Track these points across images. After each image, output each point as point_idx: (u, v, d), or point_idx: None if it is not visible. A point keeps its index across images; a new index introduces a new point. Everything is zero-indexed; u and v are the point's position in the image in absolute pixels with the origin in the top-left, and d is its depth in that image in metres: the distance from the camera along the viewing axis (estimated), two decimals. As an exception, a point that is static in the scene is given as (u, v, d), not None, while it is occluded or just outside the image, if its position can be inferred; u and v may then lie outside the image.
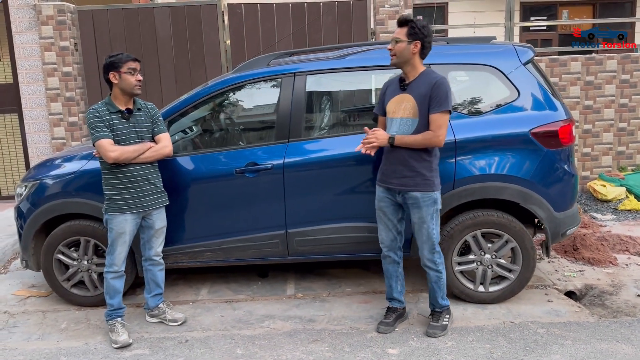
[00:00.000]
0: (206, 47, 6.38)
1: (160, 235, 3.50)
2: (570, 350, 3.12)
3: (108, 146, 3.16)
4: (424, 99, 3.06)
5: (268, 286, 4.22)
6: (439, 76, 3.10)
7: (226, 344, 3.34)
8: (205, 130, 4.07)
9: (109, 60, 3.25)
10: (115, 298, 3.42)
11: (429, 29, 3.09)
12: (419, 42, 3.07)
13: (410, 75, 3.15)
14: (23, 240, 3.89)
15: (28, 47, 6.30)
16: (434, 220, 3.20)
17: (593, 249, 4.65)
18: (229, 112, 4.11)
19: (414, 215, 3.19)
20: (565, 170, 3.61)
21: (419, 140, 3.08)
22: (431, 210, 3.17)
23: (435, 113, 3.04)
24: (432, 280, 3.30)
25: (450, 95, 3.06)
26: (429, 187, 3.14)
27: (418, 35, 3.06)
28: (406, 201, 3.20)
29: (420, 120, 3.09)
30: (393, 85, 3.26)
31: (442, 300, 3.33)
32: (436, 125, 3.05)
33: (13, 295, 4.24)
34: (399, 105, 3.17)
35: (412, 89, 3.13)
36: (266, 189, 3.66)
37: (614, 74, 6.54)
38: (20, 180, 4.07)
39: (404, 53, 3.09)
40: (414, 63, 3.12)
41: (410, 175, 3.14)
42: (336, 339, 3.36)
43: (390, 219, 3.33)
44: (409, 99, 3.12)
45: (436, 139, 3.06)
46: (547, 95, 3.62)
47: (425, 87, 3.07)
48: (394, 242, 3.38)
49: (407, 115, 3.12)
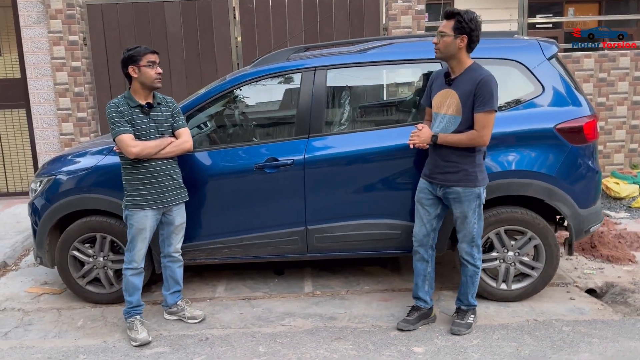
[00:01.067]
0: (217, 43, 6.32)
1: (180, 232, 3.45)
2: (599, 349, 3.08)
3: (129, 141, 3.10)
4: (468, 96, 2.97)
5: (285, 283, 4.17)
6: (486, 73, 2.98)
7: (247, 342, 3.30)
8: (224, 125, 4.02)
9: (127, 54, 3.19)
10: (134, 295, 3.37)
11: (477, 22, 2.95)
12: (466, 37, 2.94)
13: (456, 70, 3.05)
14: (38, 237, 3.83)
15: (36, 42, 6.23)
16: (476, 215, 3.14)
17: (611, 247, 4.61)
18: (248, 107, 4.05)
19: (456, 209, 3.15)
20: (590, 167, 3.57)
21: (462, 140, 3.01)
22: (473, 205, 3.11)
23: (480, 112, 2.95)
24: (468, 274, 3.25)
25: (496, 93, 2.96)
26: (472, 183, 3.08)
27: (465, 29, 2.92)
28: (447, 195, 3.15)
29: (463, 117, 3.01)
30: (440, 79, 3.17)
31: (471, 298, 3.29)
32: (480, 125, 2.97)
33: (26, 293, 4.18)
34: (443, 101, 3.09)
35: (457, 85, 3.03)
36: (286, 185, 3.60)
37: (627, 71, 6.51)
38: (35, 176, 4.01)
39: (450, 48, 2.97)
40: (460, 57, 3.01)
41: (453, 171, 3.08)
42: (359, 337, 3.31)
43: (428, 211, 3.25)
44: (453, 95, 3.03)
45: (480, 139, 2.99)
46: (571, 91, 3.58)
47: (470, 84, 2.97)
48: (426, 238, 3.31)
49: (451, 113, 3.05)
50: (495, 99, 2.95)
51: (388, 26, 6.32)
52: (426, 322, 3.42)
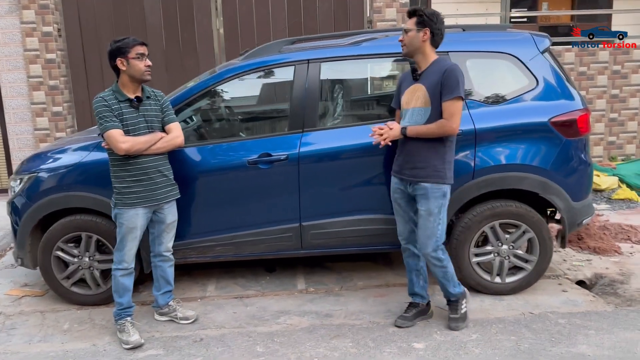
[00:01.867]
0: (198, 35, 6.17)
1: (171, 230, 3.34)
2: (596, 340, 3.11)
3: (119, 137, 2.97)
4: (436, 87, 2.99)
5: (277, 281, 4.10)
6: (450, 63, 3.02)
7: (244, 342, 3.22)
8: (215, 119, 3.91)
9: (115, 46, 3.05)
10: (124, 296, 3.25)
11: (439, 17, 3.02)
12: (428, 30, 2.99)
13: (422, 64, 3.08)
14: (19, 237, 3.67)
15: (8, 33, 5.96)
16: (440, 215, 3.10)
17: (597, 238, 4.68)
18: (239, 101, 3.95)
19: (421, 206, 3.10)
20: (582, 160, 3.60)
21: (432, 129, 3.00)
22: (439, 203, 3.08)
23: (447, 100, 2.97)
24: (439, 276, 3.21)
25: (462, 81, 2.98)
26: (440, 179, 3.06)
27: (427, 23, 2.99)
28: (415, 192, 3.12)
29: (432, 109, 3.02)
30: (407, 78, 3.20)
31: (454, 289, 3.26)
32: (448, 112, 2.97)
33: (5, 295, 4.00)
34: (412, 96, 3.10)
35: (424, 79, 3.06)
36: (280, 180, 3.53)
37: (606, 64, 6.63)
38: (14, 174, 3.83)
39: (414, 41, 3.02)
40: (424, 51, 3.04)
41: (422, 167, 3.06)
42: (357, 334, 3.27)
43: (406, 211, 3.25)
44: (420, 88, 3.05)
45: (449, 127, 2.99)
46: (564, 84, 3.59)
47: (436, 75, 3.00)
48: (412, 235, 3.29)
49: (419, 105, 3.05)
50: (461, 87, 2.96)
51: (372, 19, 6.27)
52: (424, 319, 3.40)
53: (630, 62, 6.66)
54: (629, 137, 6.84)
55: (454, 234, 3.55)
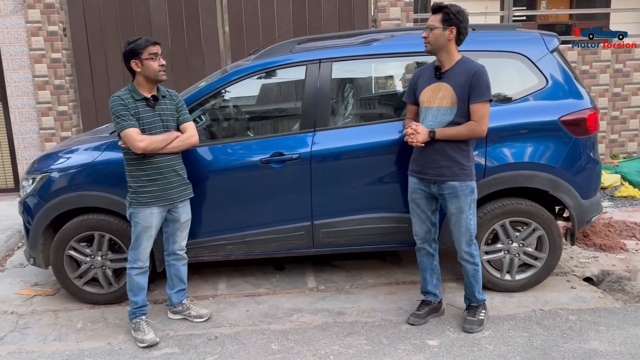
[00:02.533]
0: (204, 34, 6.17)
1: (185, 229, 3.35)
2: (607, 336, 3.15)
3: (136, 136, 2.98)
4: (463, 88, 2.98)
5: (287, 279, 4.12)
6: (478, 64, 3.01)
7: (259, 340, 3.24)
8: (227, 119, 3.93)
9: (128, 48, 3.06)
10: (139, 295, 3.27)
11: (465, 14, 3.00)
12: (455, 28, 2.98)
13: (446, 63, 3.06)
14: (31, 237, 3.67)
15: (13, 32, 5.95)
16: (471, 210, 3.14)
17: (602, 236, 4.73)
18: (251, 101, 3.97)
19: (452, 205, 3.12)
20: (591, 158, 3.64)
21: (461, 132, 3.00)
22: (469, 200, 3.11)
23: (477, 103, 2.97)
24: (470, 274, 3.24)
25: (490, 83, 2.99)
26: (467, 177, 3.08)
27: (453, 21, 2.97)
28: (442, 191, 3.12)
29: (458, 109, 3.01)
30: (426, 74, 3.16)
31: (479, 294, 3.29)
32: (479, 115, 2.98)
33: (17, 295, 4.01)
34: (434, 95, 3.08)
35: (449, 78, 3.04)
36: (292, 179, 3.55)
37: (608, 63, 6.67)
38: (26, 173, 3.84)
39: (439, 40, 3.00)
40: (449, 50, 3.03)
41: (448, 165, 3.06)
42: (371, 331, 3.30)
43: (424, 211, 3.25)
44: (446, 88, 3.03)
45: (479, 129, 3.00)
46: (573, 83, 3.62)
47: (464, 75, 2.98)
48: (428, 234, 3.31)
49: (445, 105, 3.04)
50: (490, 89, 2.98)
51: (377, 18, 6.29)
52: (436, 316, 3.43)
53: (632, 61, 6.71)
54: (630, 134, 6.89)
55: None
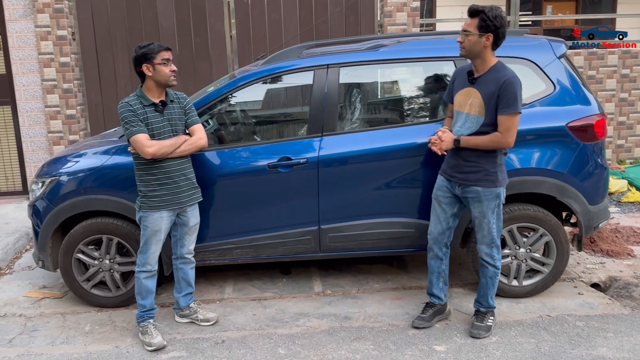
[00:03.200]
0: (211, 39, 6.20)
1: (193, 233, 3.37)
2: (615, 343, 3.14)
3: (145, 141, 3.01)
4: (492, 97, 2.91)
5: (294, 283, 4.13)
6: (510, 73, 2.91)
7: (265, 344, 3.25)
8: (235, 123, 3.95)
9: (140, 52, 3.08)
10: (147, 299, 3.28)
11: (503, 18, 2.86)
12: (492, 35, 2.87)
13: (480, 68, 2.98)
14: (40, 240, 3.70)
15: (23, 36, 6.00)
16: (495, 215, 3.11)
17: (609, 241, 4.71)
18: (259, 105, 3.99)
19: (475, 209, 3.11)
20: (599, 164, 3.63)
21: (486, 143, 2.97)
22: (492, 205, 3.08)
23: (504, 115, 2.90)
24: (488, 275, 3.23)
25: (520, 95, 2.90)
26: (492, 183, 3.04)
27: (490, 27, 2.85)
28: (466, 195, 3.12)
29: (486, 118, 2.96)
30: (462, 76, 3.12)
31: (491, 300, 3.28)
32: (505, 127, 2.91)
33: (25, 297, 4.04)
34: (465, 100, 3.05)
35: (480, 84, 2.97)
36: (300, 184, 3.56)
37: (615, 68, 6.66)
38: (35, 177, 3.86)
39: (475, 47, 2.90)
40: (484, 56, 2.94)
41: (474, 171, 3.05)
42: (378, 336, 3.30)
43: (444, 210, 3.24)
44: (476, 95, 2.98)
45: (504, 141, 2.94)
46: (581, 89, 3.63)
47: (493, 84, 2.91)
48: (441, 236, 3.30)
49: (473, 113, 3.01)
50: (519, 101, 2.90)
51: (383, 23, 6.31)
52: (441, 318, 3.43)
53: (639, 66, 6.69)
54: (637, 140, 6.87)
55: (472, 237, 3.58)
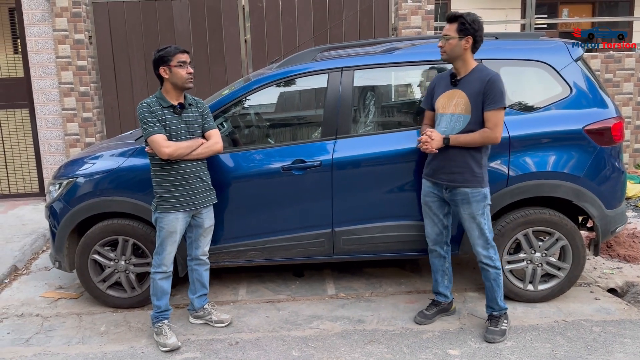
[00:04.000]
0: (226, 42, 6.25)
1: (208, 234, 3.39)
2: (633, 349, 3.09)
3: (162, 142, 3.04)
4: (477, 95, 3.02)
5: (307, 286, 4.13)
6: (492, 72, 3.05)
7: (279, 346, 3.26)
8: (249, 126, 3.97)
9: (158, 55, 3.12)
10: (162, 299, 3.31)
11: (480, 23, 3.04)
12: (471, 38, 3.02)
13: (462, 70, 3.10)
14: (57, 241, 3.75)
15: (41, 40, 6.10)
16: (484, 215, 3.15)
17: (627, 246, 4.65)
18: (273, 108, 4.00)
19: (464, 211, 3.14)
20: (616, 167, 3.59)
21: (475, 139, 3.05)
22: (481, 206, 3.13)
23: (491, 110, 3.01)
24: (491, 277, 3.23)
25: (504, 91, 3.02)
26: (478, 184, 3.11)
27: (469, 30, 3.01)
28: (454, 197, 3.16)
29: (472, 116, 3.05)
30: (444, 81, 3.21)
31: (501, 302, 3.27)
32: (492, 123, 3.02)
33: (42, 298, 4.09)
34: (449, 101, 3.12)
35: (463, 85, 3.08)
36: (313, 186, 3.57)
37: (632, 72, 6.58)
38: (52, 178, 3.92)
39: (456, 50, 3.04)
40: (465, 58, 3.07)
41: (459, 172, 3.10)
42: (392, 340, 3.29)
43: (436, 214, 3.30)
44: (460, 94, 3.08)
45: (494, 136, 3.04)
46: (598, 92, 3.59)
47: (478, 83, 3.02)
48: (439, 237, 3.36)
49: (459, 112, 3.08)
50: (505, 97, 3.00)
51: (397, 26, 6.31)
52: (444, 316, 3.50)
53: (657, 70, 6.61)
54: (655, 144, 6.78)
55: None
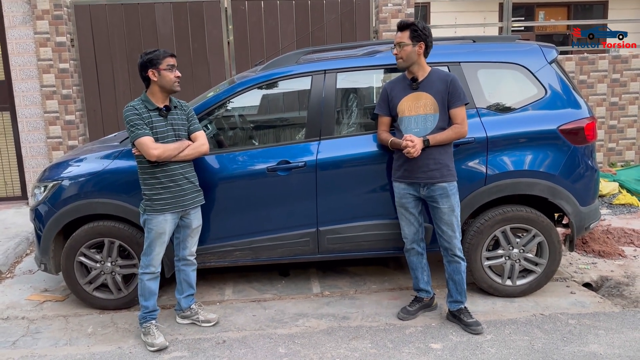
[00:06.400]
0: (209, 45, 6.28)
1: (196, 235, 3.44)
2: (606, 340, 3.23)
3: (150, 144, 3.08)
4: (443, 94, 3.23)
5: (292, 285, 4.20)
6: (451, 73, 3.33)
7: (266, 344, 3.32)
8: (234, 128, 4.02)
9: (146, 58, 3.16)
10: (150, 300, 3.34)
11: (429, 29, 3.25)
12: (423, 43, 3.22)
13: (420, 74, 3.29)
14: (42, 243, 3.76)
15: (22, 43, 6.06)
16: (459, 209, 3.35)
17: (601, 242, 4.82)
18: (258, 110, 4.06)
19: (444, 204, 3.28)
20: (589, 166, 3.73)
21: (450, 135, 3.26)
22: (457, 198, 3.33)
23: (458, 107, 3.24)
24: (462, 270, 3.39)
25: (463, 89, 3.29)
26: (453, 177, 3.32)
27: (421, 36, 3.21)
28: (432, 193, 3.29)
29: (440, 114, 3.25)
30: (398, 86, 3.38)
31: (465, 292, 3.46)
32: (461, 118, 3.25)
33: (27, 301, 4.09)
34: (415, 103, 3.29)
35: (426, 87, 3.27)
36: (298, 187, 3.64)
37: (605, 73, 6.79)
38: (37, 181, 3.92)
39: (411, 55, 3.23)
40: (421, 63, 3.27)
41: (437, 168, 3.27)
42: (375, 335, 3.38)
43: (412, 213, 3.43)
44: (426, 96, 3.26)
45: (464, 130, 3.27)
46: (571, 93, 3.73)
47: (440, 83, 3.24)
48: (416, 235, 3.49)
49: (428, 112, 3.26)
50: (465, 94, 3.29)
51: (378, 29, 6.42)
52: (427, 311, 3.62)
53: (629, 71, 6.83)
54: (628, 143, 7.00)
55: (466, 238, 3.68)
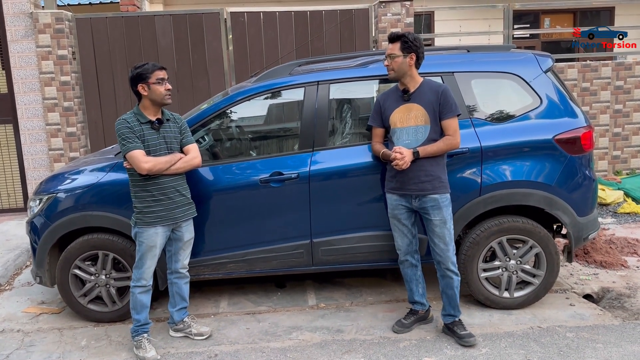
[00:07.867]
0: (208, 56, 6.32)
1: (188, 248, 3.43)
2: (604, 354, 3.16)
3: (141, 157, 3.08)
4: (434, 105, 3.19)
5: (288, 297, 4.17)
6: (442, 84, 3.31)
7: (258, 358, 3.29)
8: (228, 139, 4.02)
9: (135, 72, 3.17)
10: (142, 313, 3.33)
11: (420, 40, 3.24)
12: (414, 54, 3.20)
13: (411, 86, 3.26)
14: (38, 256, 3.77)
15: (24, 56, 6.13)
16: (452, 221, 3.30)
17: (603, 252, 4.74)
18: (252, 122, 4.06)
19: (435, 216, 3.24)
20: (587, 176, 3.68)
21: (441, 147, 3.22)
22: (450, 211, 3.28)
23: (449, 118, 3.20)
24: (455, 285, 3.34)
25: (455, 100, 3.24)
26: (445, 189, 3.27)
27: (412, 48, 3.19)
28: (424, 205, 3.25)
29: (431, 126, 3.22)
30: (391, 98, 3.36)
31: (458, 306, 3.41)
32: (452, 129, 3.21)
33: (23, 313, 4.09)
34: (406, 115, 3.26)
35: (417, 99, 3.25)
36: (291, 198, 3.62)
37: (609, 80, 6.72)
38: (33, 194, 3.94)
39: (402, 67, 3.21)
40: (412, 74, 3.25)
41: (429, 180, 3.23)
42: (369, 349, 3.33)
43: (405, 224, 3.39)
44: (417, 107, 3.23)
45: (455, 142, 3.23)
46: (567, 102, 3.69)
47: (432, 95, 3.21)
48: (410, 247, 3.45)
49: (419, 123, 3.23)
50: (457, 105, 3.24)
51: (378, 39, 6.41)
52: (422, 324, 3.56)
53: (633, 78, 6.75)
54: (633, 151, 6.90)
55: (462, 249, 3.63)
